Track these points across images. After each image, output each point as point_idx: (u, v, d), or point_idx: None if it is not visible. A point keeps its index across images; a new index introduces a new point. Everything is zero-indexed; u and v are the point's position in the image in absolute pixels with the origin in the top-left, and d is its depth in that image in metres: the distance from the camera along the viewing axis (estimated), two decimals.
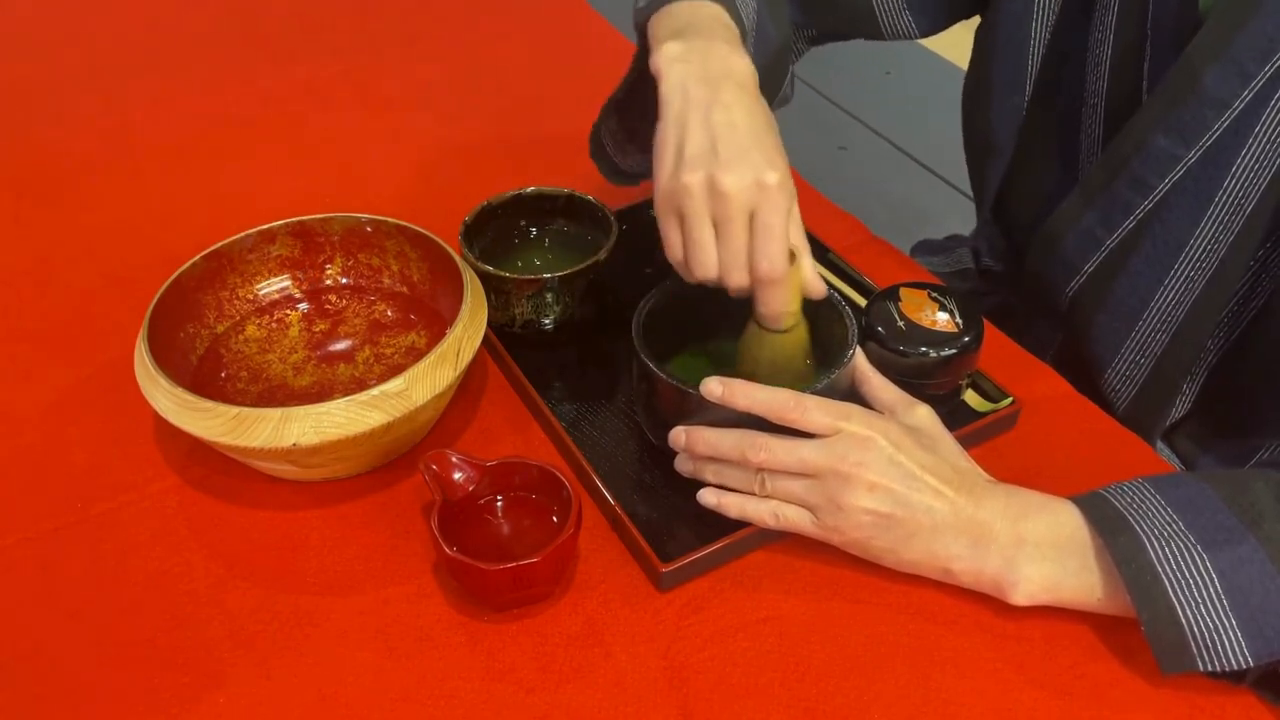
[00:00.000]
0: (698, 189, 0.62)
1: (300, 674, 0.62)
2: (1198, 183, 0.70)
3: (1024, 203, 0.91)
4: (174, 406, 0.67)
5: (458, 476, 0.67)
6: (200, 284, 0.78)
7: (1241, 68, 0.66)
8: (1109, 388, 0.82)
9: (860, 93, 2.50)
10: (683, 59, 0.66)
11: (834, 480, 0.62)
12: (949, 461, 0.65)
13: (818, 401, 0.63)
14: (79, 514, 0.72)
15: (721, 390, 0.63)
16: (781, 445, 0.63)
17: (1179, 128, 0.70)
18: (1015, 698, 0.60)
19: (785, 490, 0.64)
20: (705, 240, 0.64)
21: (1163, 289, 0.75)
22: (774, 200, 0.62)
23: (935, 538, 0.62)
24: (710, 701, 0.61)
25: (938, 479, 0.62)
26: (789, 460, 0.63)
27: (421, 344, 0.80)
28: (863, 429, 0.63)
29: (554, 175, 0.94)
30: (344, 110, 1.14)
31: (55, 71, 1.21)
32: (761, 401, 0.63)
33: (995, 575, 0.62)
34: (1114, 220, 0.75)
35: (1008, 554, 0.62)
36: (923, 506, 0.62)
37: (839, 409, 0.63)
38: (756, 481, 0.64)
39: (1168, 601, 0.58)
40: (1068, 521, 0.62)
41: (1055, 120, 0.84)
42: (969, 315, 0.73)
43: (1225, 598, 0.57)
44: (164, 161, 1.07)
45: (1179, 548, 0.59)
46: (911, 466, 0.62)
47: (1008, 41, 0.83)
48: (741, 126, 0.63)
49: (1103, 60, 0.77)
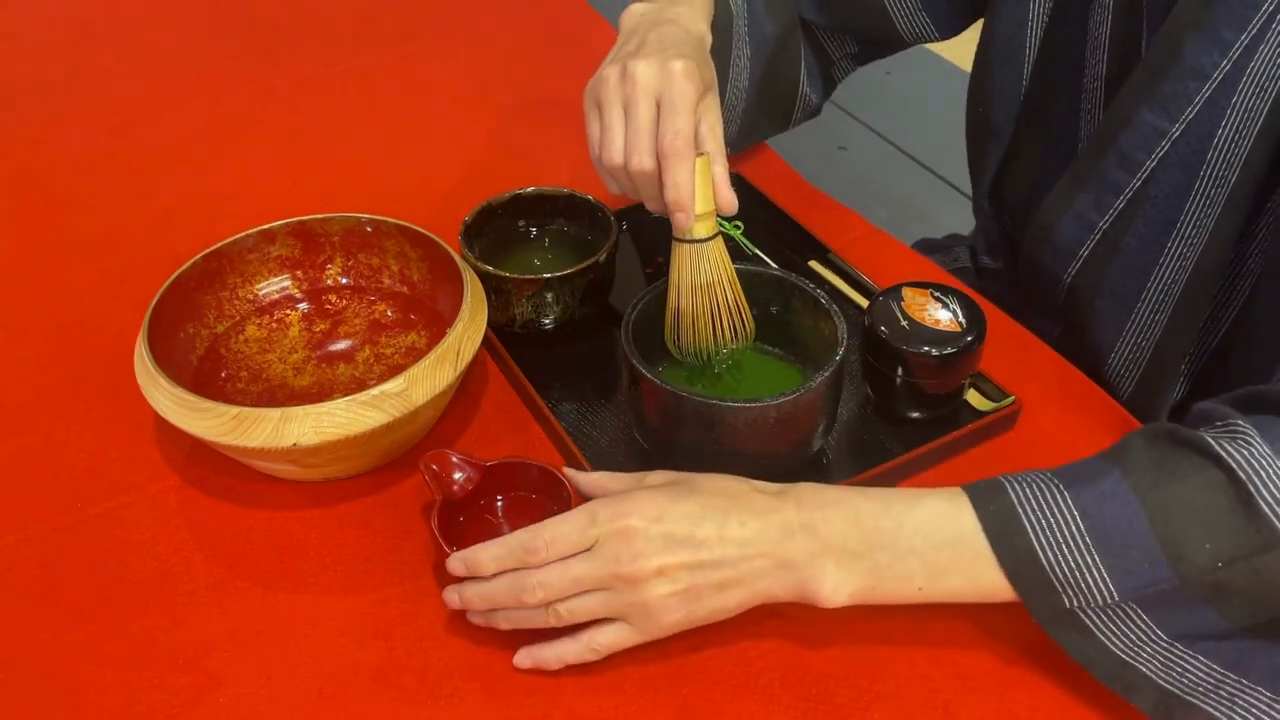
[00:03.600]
0: (613, 77, 0.70)
1: (300, 674, 0.62)
2: (1183, 157, 0.70)
3: (1020, 189, 0.91)
4: (174, 406, 0.67)
5: (458, 476, 0.67)
6: (200, 284, 0.78)
7: (1219, 35, 0.66)
8: (1112, 375, 0.82)
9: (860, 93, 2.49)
10: (642, 12, 0.75)
11: (622, 585, 0.58)
12: (713, 493, 0.61)
13: (553, 523, 0.60)
14: (79, 514, 0.72)
15: (464, 565, 0.61)
16: (551, 574, 0.59)
17: (1162, 101, 0.70)
18: (1015, 698, 0.60)
19: (581, 609, 0.59)
20: (614, 122, 0.69)
21: (1158, 269, 0.75)
22: (679, 84, 0.67)
23: (746, 582, 0.59)
24: (710, 701, 0.60)
25: (715, 524, 0.59)
26: (565, 585, 0.59)
27: (421, 344, 0.80)
28: (616, 521, 0.59)
29: (554, 175, 0.94)
30: (344, 110, 1.14)
31: (55, 71, 1.21)
32: (503, 556, 0.60)
33: (809, 589, 0.59)
34: (1105, 202, 0.75)
35: (814, 565, 0.58)
36: (716, 561, 0.58)
37: (579, 516, 0.60)
38: (550, 615, 0.60)
39: (1028, 544, 0.56)
40: (869, 511, 0.59)
41: (1055, 104, 0.84)
42: (971, 314, 0.73)
43: (1088, 535, 0.55)
44: (164, 161, 1.06)
45: (1040, 489, 0.57)
46: (683, 529, 0.58)
47: (1008, 21, 0.83)
48: (670, 39, 0.71)
49: (1101, 40, 0.77)
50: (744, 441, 0.66)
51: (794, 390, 0.65)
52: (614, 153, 0.70)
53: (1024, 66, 0.84)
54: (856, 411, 0.77)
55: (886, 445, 0.74)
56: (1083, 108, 0.82)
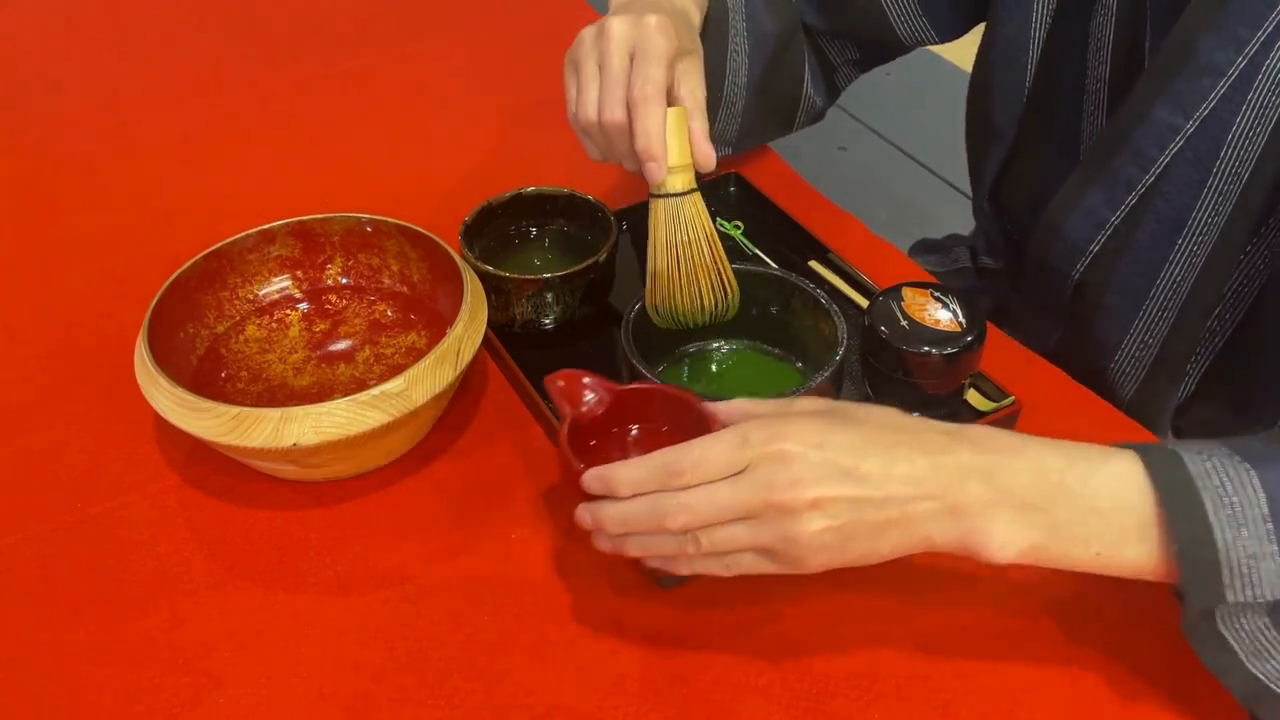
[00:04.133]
0: (589, 36, 0.71)
1: (300, 674, 0.62)
2: (1197, 153, 0.70)
3: (1022, 190, 0.91)
4: (174, 406, 0.67)
5: (588, 397, 0.64)
6: (200, 284, 0.78)
7: (1235, 33, 0.66)
8: (1117, 373, 0.82)
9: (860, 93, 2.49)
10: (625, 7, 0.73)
11: (773, 515, 0.54)
12: (878, 425, 0.56)
13: (700, 444, 0.55)
14: (79, 514, 0.72)
15: (601, 483, 0.57)
16: (697, 497, 0.54)
17: (1177, 98, 0.70)
18: (1015, 698, 0.60)
19: (725, 541, 0.55)
20: (588, 79, 0.70)
21: (1168, 265, 0.75)
22: (652, 35, 0.68)
23: (908, 525, 0.54)
24: (710, 701, 0.60)
25: (880, 459, 0.54)
26: (712, 511, 0.54)
27: (421, 344, 0.80)
28: (772, 443, 0.54)
29: (554, 175, 0.94)
30: (344, 110, 1.14)
31: (55, 71, 1.21)
32: (642, 478, 0.56)
33: (974, 540, 0.54)
34: (1117, 198, 0.75)
35: (986, 515, 0.54)
36: (880, 500, 0.54)
37: (730, 437, 0.55)
38: (689, 543, 0.56)
39: (1204, 520, 0.51)
40: (1053, 464, 0.55)
41: (1057, 104, 0.84)
42: (971, 314, 0.73)
43: (1272, 520, 0.51)
44: (164, 161, 1.07)
45: (1222, 465, 0.52)
46: (846, 460, 0.54)
47: (1010, 24, 0.83)
48: (649, 5, 0.71)
49: (1105, 41, 0.77)
50: None
51: (794, 390, 0.65)
52: (588, 107, 0.70)
53: (1027, 68, 0.84)
54: None
55: None
56: (1084, 109, 0.82)
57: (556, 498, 0.72)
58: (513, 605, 0.65)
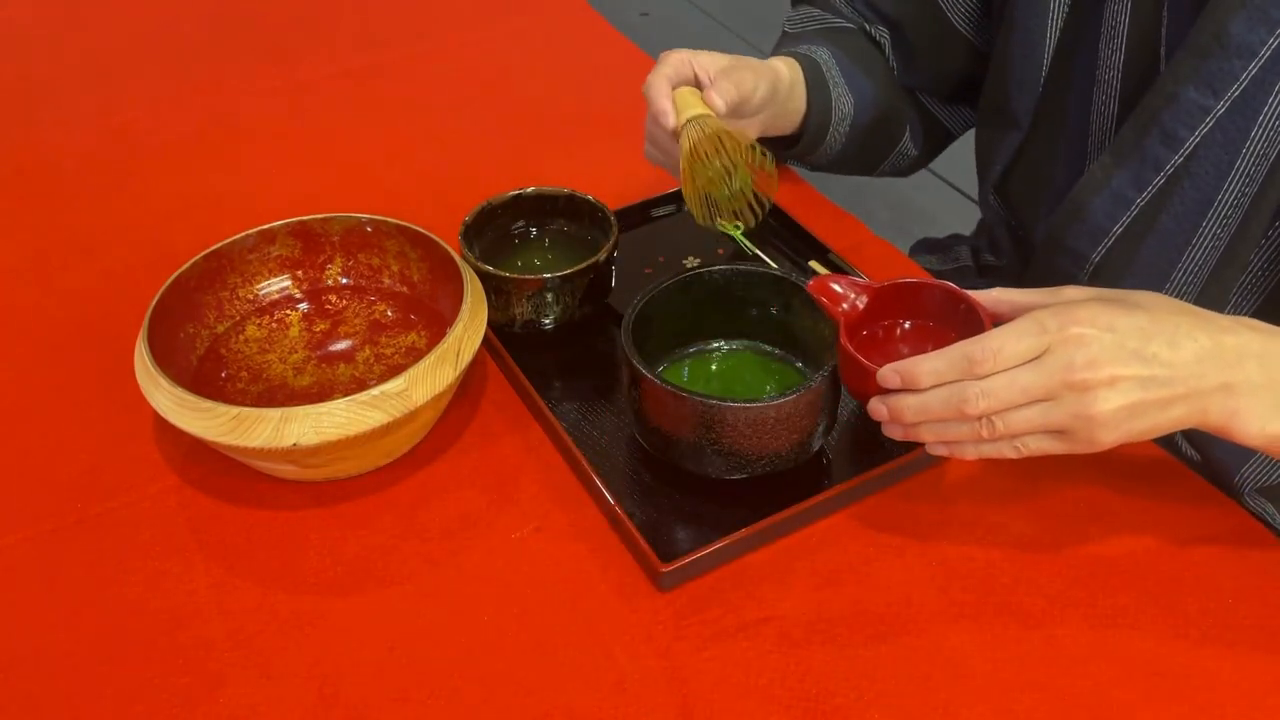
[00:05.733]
0: None
1: (300, 674, 0.62)
2: (1226, 134, 0.71)
3: (1029, 180, 0.91)
4: (174, 406, 0.67)
5: (852, 296, 0.66)
6: (200, 284, 0.78)
7: (1266, 14, 0.67)
8: None
9: None
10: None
11: (1071, 395, 0.58)
12: (1159, 308, 0.61)
13: (998, 333, 0.59)
14: (79, 514, 0.72)
15: (899, 377, 0.61)
16: (998, 384, 0.59)
17: (1208, 79, 0.70)
18: (1015, 698, 0.60)
19: (1020, 423, 0.59)
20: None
21: (1190, 248, 0.75)
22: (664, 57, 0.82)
23: (1192, 399, 0.59)
24: (710, 701, 0.61)
25: (1166, 341, 0.59)
26: (1012, 395, 0.59)
27: (421, 344, 0.80)
28: (1068, 328, 0.58)
29: (554, 175, 0.94)
30: (344, 110, 1.14)
31: (55, 71, 1.22)
32: (943, 369, 0.60)
33: (1235, 420, 0.59)
34: (1144, 178, 0.75)
35: (1253, 397, 0.59)
36: (1167, 378, 0.58)
37: (1026, 324, 0.59)
38: (984, 428, 0.60)
39: None
40: None
41: (1068, 94, 0.84)
42: None
43: None
44: (164, 161, 1.07)
45: None
46: (1135, 342, 0.58)
47: (1028, 11, 0.83)
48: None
49: (1119, 30, 0.77)
50: (744, 441, 0.66)
51: (794, 390, 0.65)
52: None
53: (1044, 56, 0.84)
54: (856, 411, 0.77)
55: (886, 445, 0.74)
56: (1095, 99, 0.81)
57: (557, 497, 0.72)
58: (513, 605, 0.65)
